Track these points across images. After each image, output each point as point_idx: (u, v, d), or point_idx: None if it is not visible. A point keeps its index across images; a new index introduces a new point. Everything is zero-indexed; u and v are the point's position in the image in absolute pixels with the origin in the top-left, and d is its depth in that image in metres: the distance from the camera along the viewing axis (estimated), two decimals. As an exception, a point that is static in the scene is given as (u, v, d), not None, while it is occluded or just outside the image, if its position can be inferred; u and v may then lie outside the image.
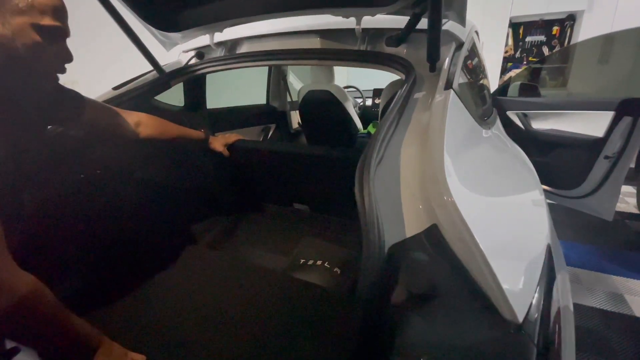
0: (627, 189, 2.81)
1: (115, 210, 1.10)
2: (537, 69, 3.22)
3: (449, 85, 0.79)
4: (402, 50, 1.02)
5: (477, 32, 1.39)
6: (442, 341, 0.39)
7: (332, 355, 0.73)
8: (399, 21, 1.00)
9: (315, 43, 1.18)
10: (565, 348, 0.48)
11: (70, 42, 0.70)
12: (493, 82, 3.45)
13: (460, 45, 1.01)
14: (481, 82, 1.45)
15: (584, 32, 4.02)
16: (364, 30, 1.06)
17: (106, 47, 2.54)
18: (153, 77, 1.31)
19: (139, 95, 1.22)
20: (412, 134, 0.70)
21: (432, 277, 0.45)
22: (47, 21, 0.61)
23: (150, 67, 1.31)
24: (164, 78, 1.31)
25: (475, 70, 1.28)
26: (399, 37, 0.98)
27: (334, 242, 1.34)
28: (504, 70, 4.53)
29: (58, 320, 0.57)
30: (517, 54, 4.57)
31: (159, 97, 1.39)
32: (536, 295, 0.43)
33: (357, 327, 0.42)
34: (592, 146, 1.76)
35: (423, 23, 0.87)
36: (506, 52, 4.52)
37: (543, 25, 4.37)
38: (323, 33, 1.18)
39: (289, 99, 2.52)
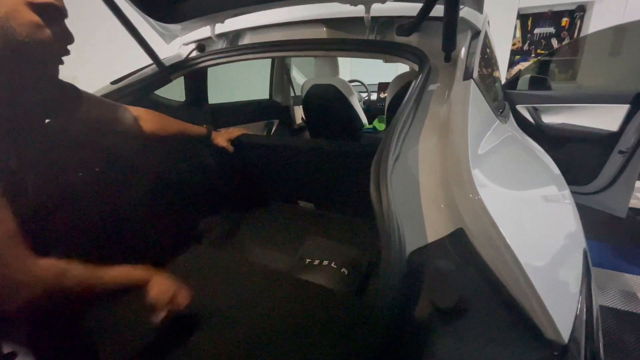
0: (638, 185, 2.75)
1: (115, 208, 1.07)
2: (546, 61, 3.14)
3: (468, 76, 0.74)
4: (414, 40, 0.96)
5: (488, 22, 1.34)
6: None
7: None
8: (411, 8, 0.95)
9: (321, 33, 1.13)
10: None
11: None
12: (501, 75, 3.39)
13: (477, 33, 0.96)
14: (494, 74, 1.39)
15: (594, 23, 3.93)
16: (374, 18, 1.02)
17: (106, 41, 2.50)
18: (152, 71, 1.26)
19: (138, 90, 1.18)
20: (429, 128, 0.65)
21: (459, 289, 0.41)
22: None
23: (150, 61, 1.26)
24: (164, 72, 1.27)
25: (489, 61, 1.22)
26: (411, 25, 0.92)
27: (340, 241, 1.30)
28: (511, 63, 4.44)
29: (96, 283, 0.60)
30: (525, 47, 4.47)
31: (159, 92, 1.35)
32: (579, 306, 0.38)
33: (375, 344, 0.38)
34: (605, 141, 1.72)
35: (436, 10, 0.82)
36: (514, 44, 4.42)
37: (552, 16, 4.26)
38: (329, 22, 1.13)
39: (292, 94, 2.48)
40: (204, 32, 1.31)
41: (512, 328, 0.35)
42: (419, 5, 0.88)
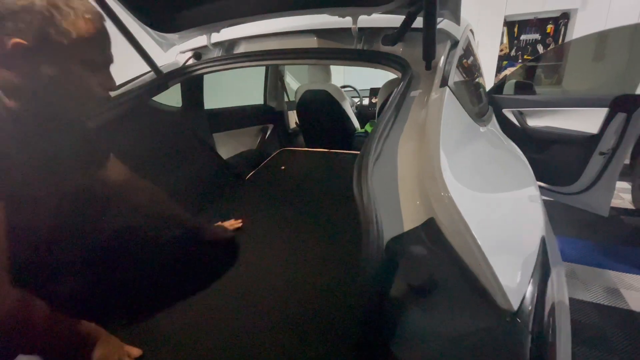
0: (622, 185, 2.83)
1: (116, 215, 1.09)
2: (532, 67, 3.24)
3: (444, 83, 0.80)
4: (398, 49, 1.03)
5: (472, 31, 1.40)
6: (441, 331, 0.40)
7: (335, 349, 0.73)
8: (395, 20, 1.01)
9: (312, 42, 1.19)
10: (560, 341, 0.49)
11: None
12: (488, 80, 3.48)
13: (455, 43, 1.02)
14: (476, 80, 1.46)
15: (577, 30, 4.07)
16: (361, 29, 1.07)
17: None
18: (150, 78, 1.31)
19: (137, 96, 1.22)
20: (409, 131, 0.71)
21: (430, 270, 0.47)
22: (94, 55, 0.63)
23: (148, 68, 1.31)
24: (162, 79, 1.31)
25: (470, 69, 1.29)
26: (395, 36, 0.99)
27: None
28: (499, 69, 4.57)
29: (51, 327, 0.58)
30: (512, 52, 4.60)
31: (156, 98, 1.39)
32: (530, 286, 0.44)
33: (359, 319, 0.43)
34: (587, 143, 1.77)
35: (419, 22, 0.88)
36: (501, 50, 4.56)
37: (537, 23, 4.41)
38: (320, 32, 1.19)
39: (286, 99, 2.53)
40: (200, 40, 1.35)
41: (473, 300, 0.42)
42: (403, 17, 0.94)
